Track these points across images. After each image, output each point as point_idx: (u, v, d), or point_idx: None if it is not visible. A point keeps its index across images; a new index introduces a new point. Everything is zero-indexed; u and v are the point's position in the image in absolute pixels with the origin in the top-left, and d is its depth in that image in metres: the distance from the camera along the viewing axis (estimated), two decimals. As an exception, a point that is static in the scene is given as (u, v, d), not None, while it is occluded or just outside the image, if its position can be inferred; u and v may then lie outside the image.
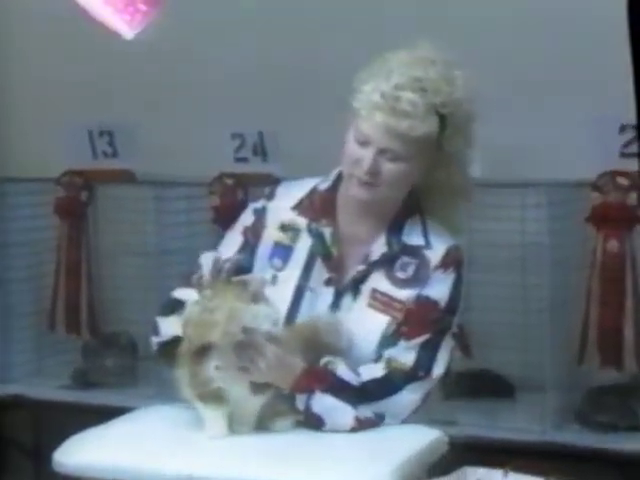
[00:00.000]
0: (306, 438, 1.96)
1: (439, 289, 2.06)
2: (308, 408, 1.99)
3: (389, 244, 2.09)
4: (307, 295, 2.09)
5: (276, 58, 3.42)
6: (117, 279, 3.67)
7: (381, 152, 2.02)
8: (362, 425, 2.00)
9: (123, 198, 3.62)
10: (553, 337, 2.96)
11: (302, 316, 2.09)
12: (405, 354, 2.03)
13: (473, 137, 2.10)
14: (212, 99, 3.61)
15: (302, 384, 1.99)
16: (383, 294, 2.06)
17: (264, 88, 3.42)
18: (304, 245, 2.11)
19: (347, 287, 2.09)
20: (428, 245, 2.08)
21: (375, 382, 2.02)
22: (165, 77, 3.65)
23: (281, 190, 2.21)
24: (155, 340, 2.12)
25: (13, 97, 3.96)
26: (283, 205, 2.16)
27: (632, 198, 3.01)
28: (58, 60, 3.76)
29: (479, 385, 3.20)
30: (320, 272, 2.10)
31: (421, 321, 2.05)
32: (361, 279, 2.09)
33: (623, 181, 3.02)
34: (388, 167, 2.03)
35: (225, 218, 3.41)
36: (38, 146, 3.83)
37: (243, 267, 2.12)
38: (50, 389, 3.57)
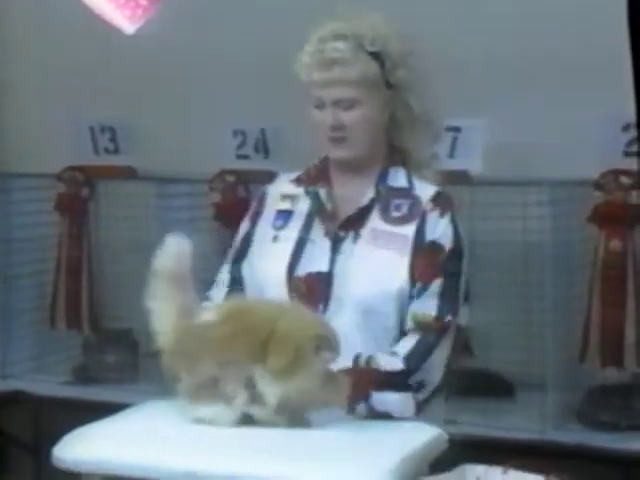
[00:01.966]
0: (307, 434, 1.95)
1: (442, 234, 2.14)
2: (372, 410, 2.05)
3: (377, 191, 2.19)
4: (308, 246, 2.18)
5: (279, 54, 3.40)
6: (118, 275, 3.66)
7: (335, 104, 2.14)
8: (420, 408, 2.08)
9: (124, 194, 3.62)
10: (554, 336, 2.96)
11: (302, 265, 2.16)
12: (426, 303, 2.10)
13: (419, 71, 2.19)
14: (214, 96, 3.61)
15: (357, 393, 2.04)
16: (383, 231, 2.15)
17: (266, 85, 3.41)
18: (303, 207, 2.23)
19: (345, 230, 2.16)
20: (413, 187, 2.19)
21: (413, 351, 2.08)
22: (167, 73, 3.65)
23: (280, 176, 2.35)
24: None
25: (15, 93, 3.96)
26: (282, 182, 2.30)
27: (635, 197, 3.01)
28: (60, 56, 3.76)
29: (479, 384, 3.19)
30: (319, 227, 2.20)
31: (432, 264, 2.12)
32: (357, 222, 2.17)
33: (626, 180, 3.01)
34: (348, 116, 2.15)
35: (226, 215, 3.40)
36: (40, 142, 3.83)
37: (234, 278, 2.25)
38: (51, 385, 3.57)
